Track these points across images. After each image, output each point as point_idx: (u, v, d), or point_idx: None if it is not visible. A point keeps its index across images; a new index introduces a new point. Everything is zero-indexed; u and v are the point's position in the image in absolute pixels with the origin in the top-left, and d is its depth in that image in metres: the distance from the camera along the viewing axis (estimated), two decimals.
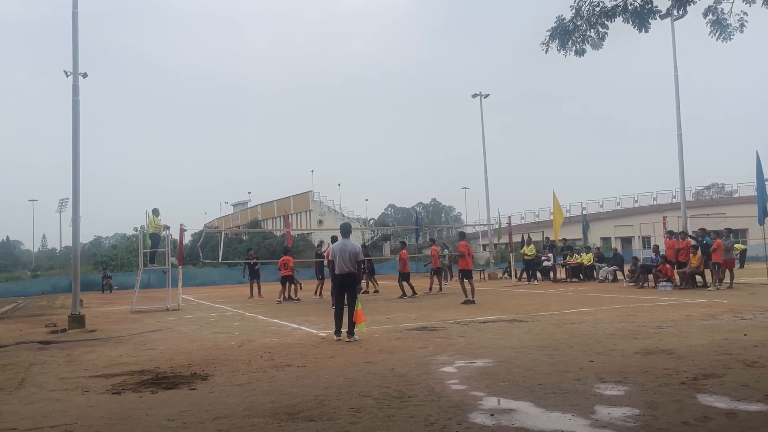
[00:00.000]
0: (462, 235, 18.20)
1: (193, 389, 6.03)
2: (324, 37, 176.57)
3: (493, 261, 33.65)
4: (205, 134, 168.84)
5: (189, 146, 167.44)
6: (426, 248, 50.89)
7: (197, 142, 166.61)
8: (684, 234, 19.52)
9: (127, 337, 10.78)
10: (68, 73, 13.77)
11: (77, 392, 6.14)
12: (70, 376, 7.06)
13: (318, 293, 19.67)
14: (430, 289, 19.93)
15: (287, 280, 18.93)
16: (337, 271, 9.52)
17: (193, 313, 15.67)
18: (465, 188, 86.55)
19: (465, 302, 14.97)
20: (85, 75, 14.91)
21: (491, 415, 4.72)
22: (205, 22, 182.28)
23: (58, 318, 14.45)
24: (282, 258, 19.43)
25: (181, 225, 19.14)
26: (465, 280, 15.55)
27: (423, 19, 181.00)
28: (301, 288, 19.96)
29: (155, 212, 18.23)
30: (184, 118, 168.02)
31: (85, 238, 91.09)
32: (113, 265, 44.21)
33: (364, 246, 22.21)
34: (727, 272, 17.44)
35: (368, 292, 20.14)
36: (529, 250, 24.54)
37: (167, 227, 18.68)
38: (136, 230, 42.62)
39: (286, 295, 18.83)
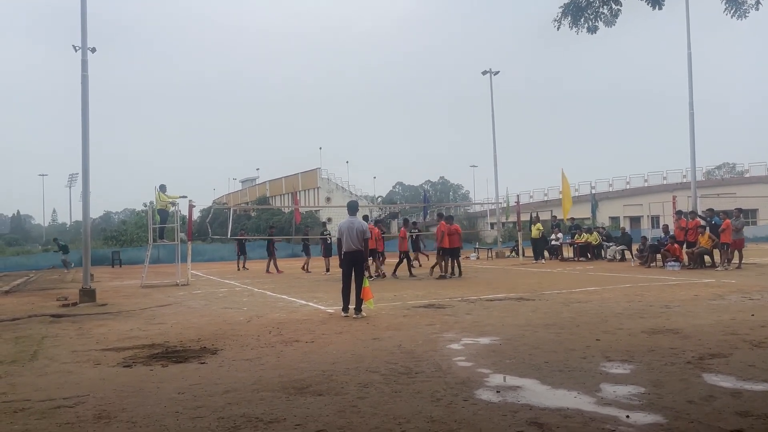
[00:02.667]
0: (440, 216, 18.34)
1: (203, 363, 6.11)
2: (338, 14, 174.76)
3: (501, 239, 33.66)
4: (215, 111, 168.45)
5: (199, 123, 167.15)
6: (433, 226, 50.89)
7: (207, 119, 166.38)
8: (693, 214, 19.43)
9: (137, 311, 10.91)
10: (77, 48, 13.75)
11: (89, 365, 6.24)
12: (81, 349, 7.16)
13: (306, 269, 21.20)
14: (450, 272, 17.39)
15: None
16: (344, 249, 9.55)
17: (202, 288, 15.81)
18: (474, 166, 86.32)
19: (439, 277, 16.32)
20: (93, 50, 14.91)
21: (497, 391, 4.77)
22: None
23: (70, 292, 14.64)
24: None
25: (190, 201, 19.22)
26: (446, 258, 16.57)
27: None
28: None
29: (162, 188, 18.31)
30: (194, 95, 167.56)
31: (95, 213, 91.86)
32: (123, 240, 44.55)
33: (408, 221, 20.83)
34: (737, 252, 17.37)
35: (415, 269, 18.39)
36: (536, 229, 24.52)
37: (182, 197, 18.82)
38: (145, 206, 42.89)
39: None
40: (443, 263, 16.54)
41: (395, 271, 17.62)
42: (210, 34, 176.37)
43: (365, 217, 18.71)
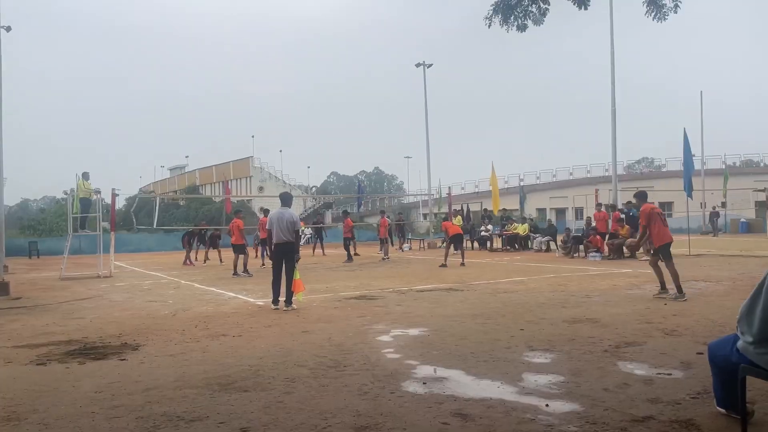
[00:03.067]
0: (382, 213, 23.77)
1: (123, 360, 5.89)
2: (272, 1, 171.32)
3: (433, 230, 34.12)
4: (143, 97, 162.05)
5: (126, 108, 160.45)
6: (368, 216, 51.06)
7: (132, 102, 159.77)
8: (613, 206, 20.30)
9: (54, 305, 10.40)
10: None
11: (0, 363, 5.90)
12: None
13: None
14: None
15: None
16: (275, 240, 9.42)
17: (126, 280, 15.24)
18: (408, 157, 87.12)
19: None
20: (8, 28, 14.04)
21: (424, 383, 4.83)
22: None
23: None
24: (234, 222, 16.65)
25: (113, 189, 18.52)
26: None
27: None
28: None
29: (85, 176, 17.56)
30: (122, 79, 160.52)
31: (11, 200, 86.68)
32: (41, 229, 42.33)
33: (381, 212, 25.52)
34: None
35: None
36: (457, 221, 25.06)
37: (98, 191, 18.00)
38: (66, 194, 40.90)
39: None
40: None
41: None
42: (137, 17, 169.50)
43: (345, 212, 21.43)
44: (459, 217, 25.51)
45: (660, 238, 9.38)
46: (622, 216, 19.02)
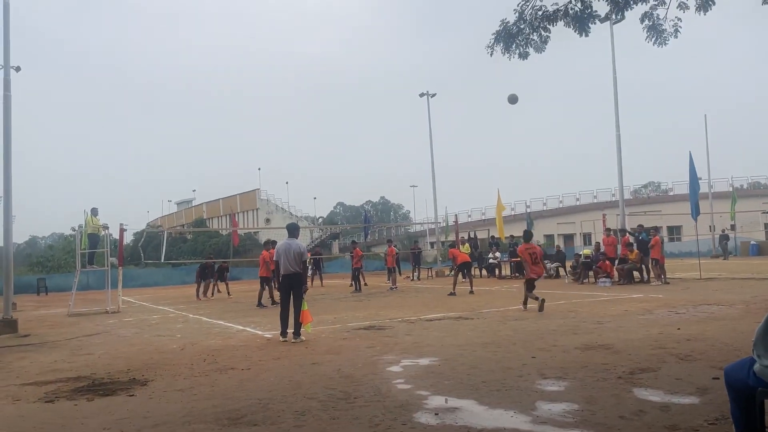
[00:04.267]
0: (389, 242, 23.61)
1: (132, 395, 5.84)
2: (276, 37, 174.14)
3: (440, 259, 34.00)
4: (149, 131, 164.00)
5: (131, 143, 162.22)
6: (375, 246, 51.01)
7: (140, 139, 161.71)
8: (623, 231, 20.21)
9: (62, 341, 10.36)
10: None
11: (7, 401, 5.85)
12: None
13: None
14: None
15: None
16: (282, 272, 9.39)
17: (134, 315, 15.20)
18: (413, 186, 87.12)
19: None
20: (18, 69, 14.26)
21: (436, 414, 4.75)
22: (147, 18, 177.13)
23: None
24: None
25: (121, 224, 18.59)
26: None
27: (377, 21, 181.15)
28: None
29: (94, 212, 17.64)
30: (127, 115, 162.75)
31: (20, 237, 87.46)
32: (50, 266, 42.49)
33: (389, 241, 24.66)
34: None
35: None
36: (465, 249, 24.99)
37: (106, 227, 18.07)
38: (74, 230, 41.12)
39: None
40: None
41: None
42: (141, 54, 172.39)
43: (353, 242, 21.18)
44: (467, 245, 25.42)
45: (529, 274, 12.56)
46: (632, 240, 18.91)
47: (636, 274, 18.55)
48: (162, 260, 22.63)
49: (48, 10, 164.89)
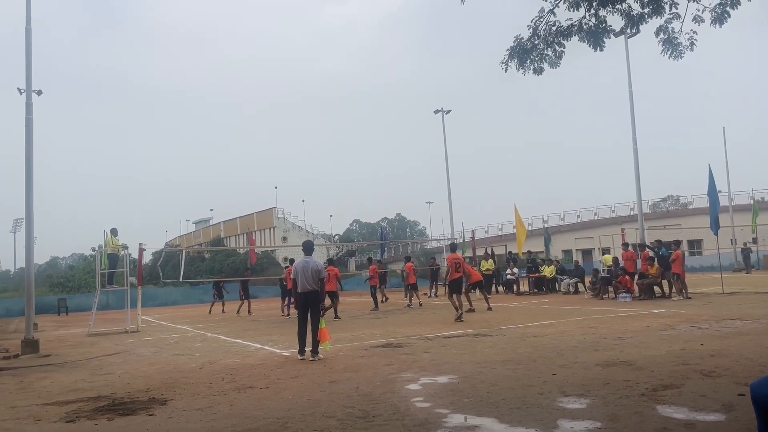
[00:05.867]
0: (407, 259, 23.23)
1: (151, 415, 5.86)
2: (291, 55, 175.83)
3: None
4: (167, 151, 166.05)
5: (149, 163, 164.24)
6: (392, 263, 50.93)
7: (157, 160, 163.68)
8: (642, 246, 19.98)
9: (83, 361, 10.44)
10: (21, 91, 13.41)
11: (29, 421, 5.90)
12: (21, 404, 6.78)
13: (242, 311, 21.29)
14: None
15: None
16: (299, 290, 9.41)
17: (153, 334, 15.29)
18: (429, 203, 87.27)
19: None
20: (39, 92, 14.55)
21: None
22: (160, 36, 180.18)
23: (11, 343, 13.90)
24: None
25: (141, 244, 18.79)
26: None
27: (393, 38, 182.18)
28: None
29: (113, 232, 17.84)
30: (144, 134, 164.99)
31: (41, 258, 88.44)
32: (70, 286, 42.97)
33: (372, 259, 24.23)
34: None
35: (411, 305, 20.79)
36: (489, 265, 24.81)
37: (125, 247, 18.26)
38: (94, 250, 41.61)
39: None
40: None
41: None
42: (162, 80, 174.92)
43: (369, 259, 20.80)
44: (491, 260, 25.21)
45: (452, 277, 14.93)
46: (651, 255, 18.68)
47: (657, 289, 18.31)
48: (180, 279, 22.74)
49: (64, 35, 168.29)
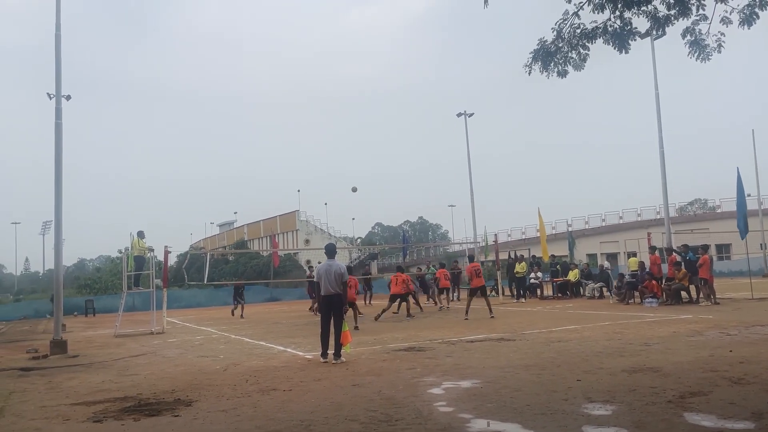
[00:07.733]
0: (442, 265, 23.44)
1: (177, 416, 5.93)
2: (315, 59, 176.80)
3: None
4: (191, 154, 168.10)
5: (174, 166, 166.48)
6: (413, 266, 50.83)
7: (182, 163, 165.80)
8: (669, 250, 19.67)
9: (109, 362, 10.61)
10: (51, 96, 13.69)
11: (58, 421, 6.01)
12: (50, 404, 6.91)
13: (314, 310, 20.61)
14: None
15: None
16: (323, 293, 9.45)
17: (178, 336, 15.47)
18: (452, 206, 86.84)
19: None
20: (68, 97, 14.87)
21: None
22: (187, 40, 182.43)
23: (40, 343, 14.18)
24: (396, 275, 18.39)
25: (166, 246, 18.99)
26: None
27: (416, 40, 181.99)
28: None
29: (140, 234, 18.10)
30: (169, 138, 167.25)
31: (69, 260, 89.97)
32: (97, 288, 43.70)
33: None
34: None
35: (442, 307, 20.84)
36: (521, 267, 24.60)
37: (151, 249, 18.51)
38: (121, 252, 42.28)
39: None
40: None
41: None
42: (190, 82, 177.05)
43: (399, 268, 20.63)
44: (524, 263, 25.02)
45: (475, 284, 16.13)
46: (679, 259, 18.38)
47: (684, 294, 18.01)
48: (205, 281, 22.96)
49: (93, 41, 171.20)
